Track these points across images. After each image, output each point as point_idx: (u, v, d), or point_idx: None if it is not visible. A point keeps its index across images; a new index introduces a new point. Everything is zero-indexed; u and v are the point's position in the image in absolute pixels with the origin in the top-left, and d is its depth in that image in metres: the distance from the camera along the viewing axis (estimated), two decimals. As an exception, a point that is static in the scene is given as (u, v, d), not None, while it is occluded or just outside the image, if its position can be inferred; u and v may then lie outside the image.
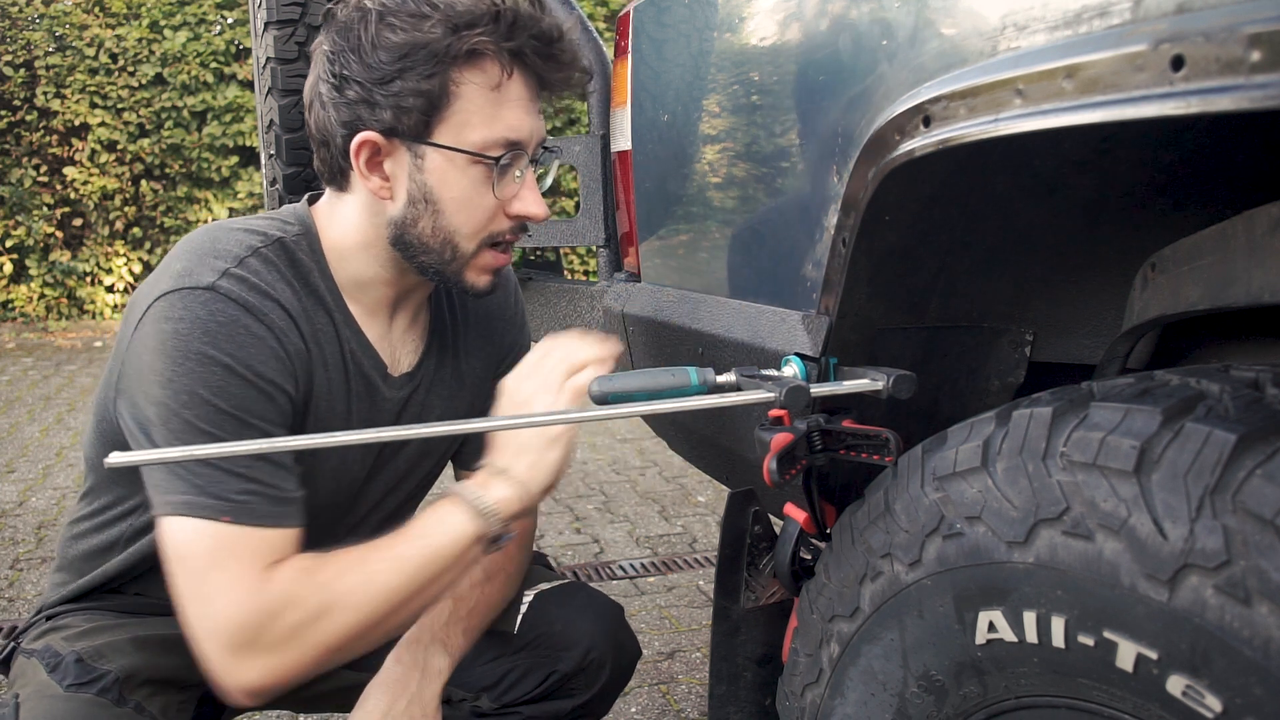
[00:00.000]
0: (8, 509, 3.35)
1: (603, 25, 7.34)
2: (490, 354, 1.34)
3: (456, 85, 1.03)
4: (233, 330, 1.01)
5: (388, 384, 1.21)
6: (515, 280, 1.42)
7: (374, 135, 1.04)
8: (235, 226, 1.11)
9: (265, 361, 1.03)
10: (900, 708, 0.87)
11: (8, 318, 7.32)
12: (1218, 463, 0.63)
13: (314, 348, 1.11)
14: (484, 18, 1.01)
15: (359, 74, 1.03)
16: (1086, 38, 0.69)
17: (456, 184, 1.06)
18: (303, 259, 1.12)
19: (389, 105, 1.02)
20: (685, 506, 3.44)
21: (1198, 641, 0.62)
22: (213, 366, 1.00)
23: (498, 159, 1.06)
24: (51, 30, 7.21)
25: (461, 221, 1.08)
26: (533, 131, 1.08)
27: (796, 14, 1.10)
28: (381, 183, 1.08)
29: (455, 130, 1.04)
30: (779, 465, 0.92)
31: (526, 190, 1.10)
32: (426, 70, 1.01)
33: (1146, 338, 0.94)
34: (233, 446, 0.90)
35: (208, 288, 1.02)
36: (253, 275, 1.05)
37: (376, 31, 1.02)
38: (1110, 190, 0.93)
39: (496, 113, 1.05)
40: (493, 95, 1.04)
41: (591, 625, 1.32)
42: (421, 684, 1.20)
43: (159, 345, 1.00)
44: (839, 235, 0.98)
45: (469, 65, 1.03)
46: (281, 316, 1.06)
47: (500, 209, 1.10)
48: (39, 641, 1.18)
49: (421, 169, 1.06)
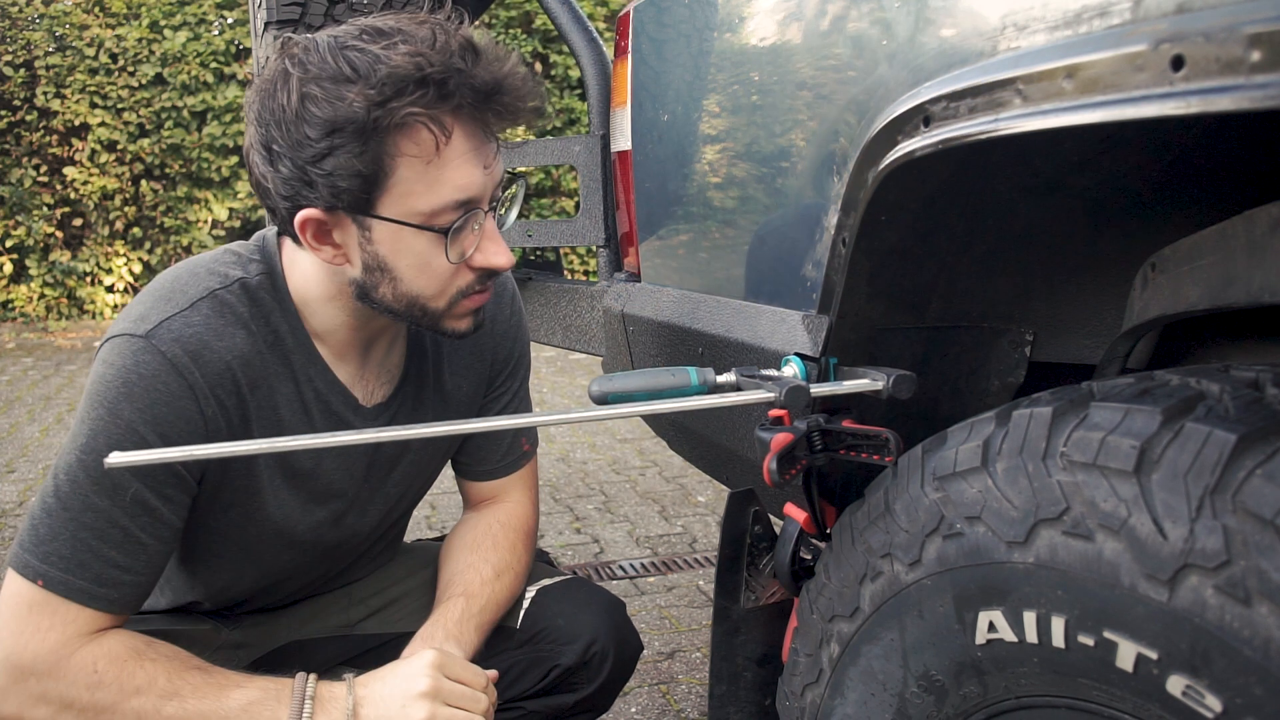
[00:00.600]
0: (8, 509, 3.35)
1: (603, 25, 7.34)
2: (479, 370, 1.32)
3: (392, 158, 0.96)
4: (150, 385, 1.01)
5: (360, 416, 1.19)
6: (512, 288, 1.37)
7: (316, 212, 0.99)
8: (201, 266, 1.10)
9: (173, 424, 1.03)
10: (900, 708, 0.87)
11: (8, 318, 7.32)
12: (1218, 463, 0.63)
13: (258, 395, 1.09)
14: (409, 85, 0.93)
15: (288, 150, 0.97)
16: (1086, 38, 0.69)
17: (409, 252, 1.01)
18: (264, 299, 1.10)
19: (324, 184, 0.96)
20: (685, 506, 3.44)
21: (1198, 641, 0.62)
22: (116, 422, 1.01)
23: (448, 228, 1.00)
24: (51, 30, 7.21)
25: (422, 286, 1.04)
26: (485, 182, 1.02)
27: (796, 14, 1.10)
28: (334, 251, 1.04)
29: (399, 201, 0.98)
30: (779, 465, 0.92)
31: (486, 241, 1.04)
32: (356, 148, 0.94)
33: (1146, 338, 0.94)
34: (232, 446, 0.91)
35: (144, 336, 1.02)
36: (197, 324, 1.04)
37: (300, 103, 0.94)
38: (1110, 190, 0.93)
39: (440, 176, 0.98)
40: (435, 161, 0.97)
41: (593, 619, 1.32)
42: None
43: (91, 385, 1.04)
44: (839, 235, 0.97)
45: (401, 137, 0.95)
46: (214, 372, 1.04)
47: (462, 266, 1.05)
48: None
49: (371, 240, 1.01)
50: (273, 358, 1.11)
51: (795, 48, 1.10)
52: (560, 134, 7.88)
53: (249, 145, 1.03)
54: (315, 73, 0.95)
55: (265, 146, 0.99)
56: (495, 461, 1.36)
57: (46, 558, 1.02)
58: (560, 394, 5.38)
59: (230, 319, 1.07)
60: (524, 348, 1.38)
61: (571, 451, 4.16)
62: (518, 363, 1.37)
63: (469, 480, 1.38)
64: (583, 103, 7.79)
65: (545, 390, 5.42)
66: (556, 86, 8.02)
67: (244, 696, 1.04)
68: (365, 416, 1.20)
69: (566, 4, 1.95)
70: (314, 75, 0.95)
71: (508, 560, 1.30)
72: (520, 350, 1.37)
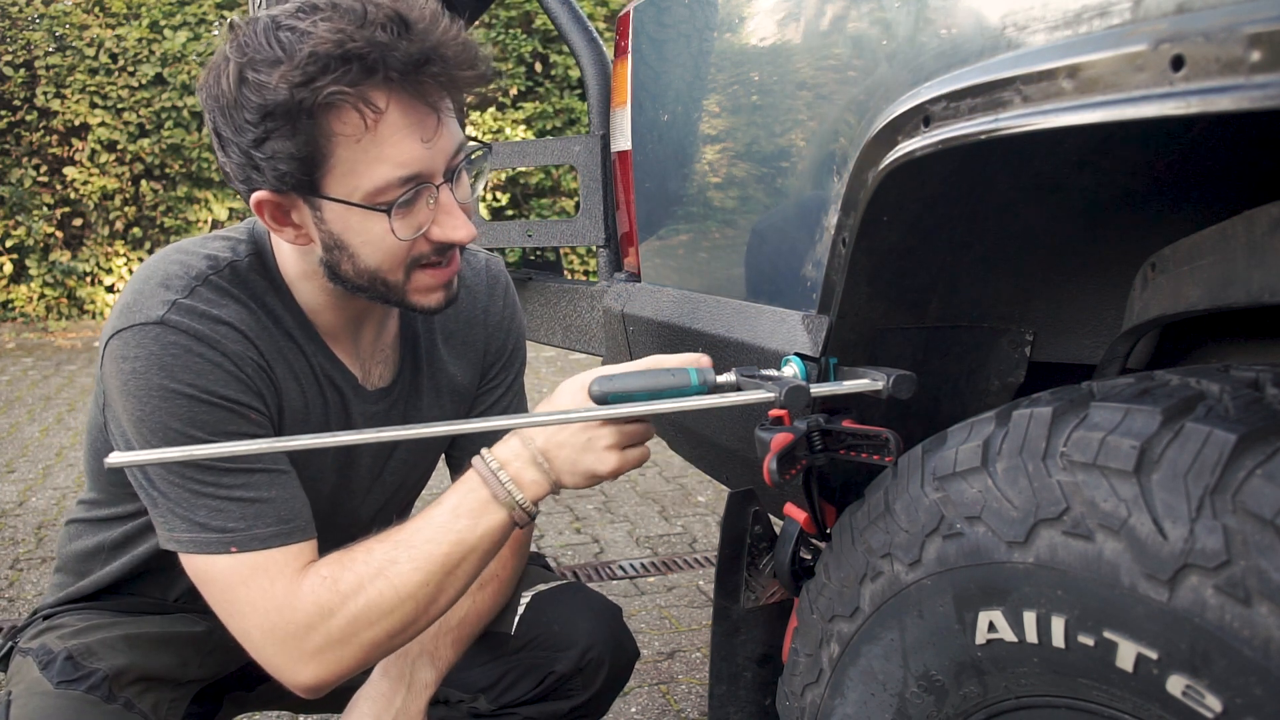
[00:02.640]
0: (8, 509, 3.35)
1: (603, 25, 7.34)
2: (472, 360, 1.31)
3: (326, 139, 0.94)
4: (187, 360, 1.01)
5: (360, 397, 1.19)
6: (505, 280, 1.36)
7: (267, 194, 0.99)
8: (188, 251, 1.09)
9: (226, 384, 1.03)
10: (900, 708, 0.87)
11: (8, 318, 7.32)
12: (1218, 463, 0.63)
13: (277, 364, 1.10)
14: (331, 62, 0.90)
15: (232, 136, 0.96)
16: (1086, 38, 0.69)
17: (361, 230, 1.00)
18: (255, 280, 1.10)
19: (268, 168, 0.96)
20: (685, 506, 3.44)
21: (1198, 641, 0.62)
22: (175, 399, 1.00)
23: (390, 204, 0.98)
24: (51, 30, 7.21)
25: (379, 261, 1.02)
26: (429, 156, 0.98)
27: (796, 14, 1.10)
28: (295, 231, 1.03)
29: (341, 181, 0.97)
30: (779, 465, 0.92)
31: (443, 215, 1.01)
32: (288, 130, 0.93)
33: (1146, 338, 0.94)
34: (232, 446, 0.91)
35: (157, 322, 1.01)
36: (201, 303, 1.04)
37: (237, 88, 0.93)
38: (1110, 190, 0.93)
39: (379, 154, 0.95)
40: (369, 139, 0.94)
41: (589, 626, 1.31)
42: (407, 699, 1.20)
43: (123, 385, 1.02)
44: (839, 235, 0.97)
45: (331, 116, 0.93)
46: (235, 339, 1.05)
47: (420, 239, 1.02)
48: (35, 640, 1.20)
49: (323, 220, 1.00)
50: (277, 332, 1.11)
51: (795, 48, 1.10)
52: (560, 134, 7.88)
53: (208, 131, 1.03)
54: (250, 56, 0.93)
55: (216, 133, 0.99)
56: None
57: (221, 530, 1.02)
58: (560, 394, 5.37)
59: (230, 298, 1.07)
60: (518, 340, 1.37)
61: (571, 451, 4.15)
62: (511, 355, 1.36)
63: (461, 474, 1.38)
64: (583, 103, 7.79)
65: (545, 390, 5.42)
66: (556, 86, 8.02)
67: (445, 507, 1.04)
68: (366, 399, 1.20)
69: (566, 4, 1.95)
70: (249, 59, 0.93)
71: (492, 569, 1.28)
72: (514, 343, 1.36)
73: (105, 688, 1.14)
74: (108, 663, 1.16)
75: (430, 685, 1.22)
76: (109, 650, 1.17)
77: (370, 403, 1.20)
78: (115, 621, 1.22)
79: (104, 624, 1.21)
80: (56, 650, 1.16)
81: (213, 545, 1.02)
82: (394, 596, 1.02)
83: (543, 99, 7.94)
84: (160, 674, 1.21)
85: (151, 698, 1.19)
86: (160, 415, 1.00)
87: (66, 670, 1.14)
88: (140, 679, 1.18)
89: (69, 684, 1.13)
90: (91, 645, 1.17)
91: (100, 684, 1.14)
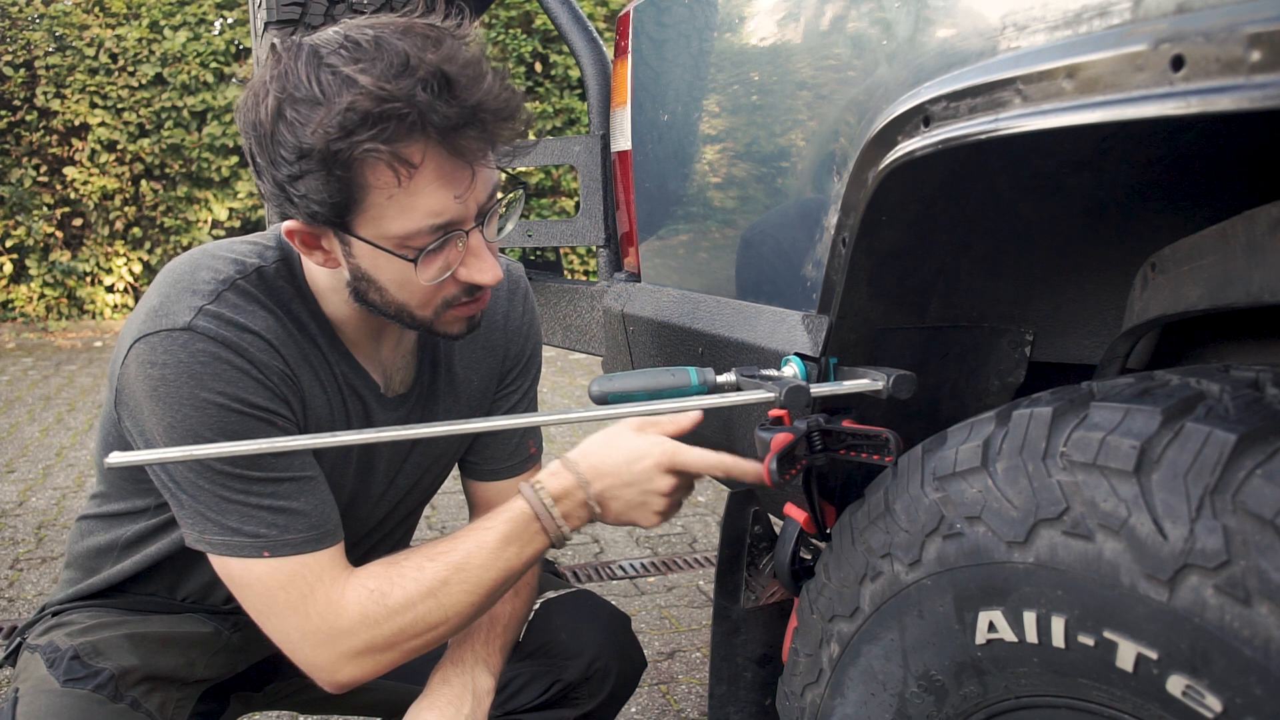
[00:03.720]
0: (8, 509, 3.35)
1: (603, 25, 7.34)
2: (491, 365, 1.31)
3: (360, 188, 0.95)
4: (216, 368, 1.01)
5: (382, 405, 1.20)
6: (525, 285, 1.35)
7: (299, 224, 1.00)
8: (215, 255, 1.10)
9: (254, 391, 1.03)
10: (900, 708, 0.87)
11: (8, 318, 7.32)
12: (1218, 463, 0.63)
13: (303, 372, 1.10)
14: (369, 119, 0.90)
15: (267, 168, 0.97)
16: (1086, 38, 0.69)
17: (389, 269, 1.01)
18: (282, 287, 1.10)
19: (300, 203, 0.97)
20: (685, 506, 3.44)
21: (1198, 641, 0.62)
22: (207, 408, 1.01)
23: (418, 253, 0.98)
24: (51, 30, 7.21)
25: (407, 298, 1.03)
26: (460, 207, 0.98)
27: (796, 14, 1.10)
28: (324, 256, 1.04)
29: (372, 224, 0.97)
30: (779, 465, 0.92)
31: (471, 258, 1.02)
32: (323, 175, 0.93)
33: (1146, 338, 0.94)
34: (232, 447, 0.91)
35: (185, 328, 1.01)
36: (229, 310, 1.04)
37: (274, 122, 0.94)
38: (1110, 190, 0.93)
39: (411, 204, 0.96)
40: (401, 192, 0.95)
41: (597, 634, 1.31)
42: (474, 707, 1.19)
43: (151, 391, 1.02)
44: (839, 235, 0.97)
45: (365, 169, 0.93)
46: (261, 347, 1.05)
47: (448, 280, 1.03)
48: (43, 637, 1.20)
49: (352, 254, 1.01)
50: (303, 340, 1.11)
51: (795, 48, 1.10)
52: (560, 134, 7.88)
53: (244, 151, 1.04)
54: (289, 92, 0.93)
55: (251, 158, 1.00)
56: (502, 461, 1.36)
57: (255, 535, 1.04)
58: (560, 394, 5.38)
59: (257, 304, 1.07)
60: (536, 347, 1.37)
61: (571, 451, 4.16)
62: (529, 361, 1.36)
63: (476, 480, 1.38)
64: (583, 103, 7.79)
65: (545, 390, 5.42)
66: (556, 86, 8.02)
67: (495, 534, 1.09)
68: (386, 406, 1.20)
69: (566, 4, 1.95)
70: (288, 95, 0.93)
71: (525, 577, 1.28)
72: (532, 349, 1.36)
73: (111, 687, 1.14)
74: (114, 662, 1.16)
75: (490, 692, 1.22)
76: (116, 649, 1.18)
77: (390, 409, 1.20)
78: (123, 620, 1.22)
79: (111, 622, 1.22)
80: (63, 648, 1.16)
81: (246, 549, 1.04)
82: (441, 614, 1.07)
83: (543, 99, 7.94)
84: (166, 673, 1.21)
85: (158, 697, 1.19)
86: (191, 423, 1.01)
87: (73, 669, 1.14)
88: (146, 678, 1.18)
89: (75, 682, 1.13)
90: (98, 644, 1.17)
91: (107, 683, 1.14)
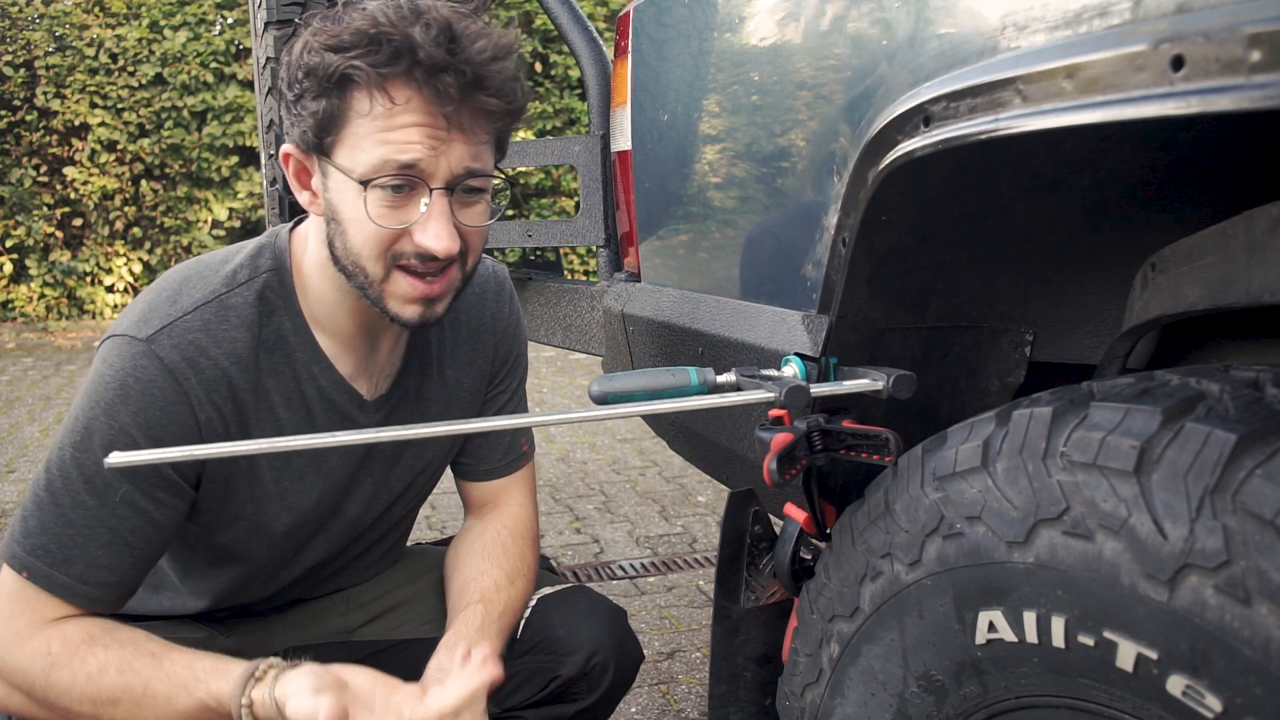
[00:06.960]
0: (8, 509, 3.35)
1: (603, 25, 7.34)
2: (480, 367, 1.32)
3: (344, 110, 1.00)
4: (146, 390, 1.04)
5: (364, 411, 1.20)
6: (510, 288, 1.37)
7: (292, 148, 1.06)
8: (209, 267, 1.13)
9: (166, 428, 1.05)
10: (900, 708, 0.87)
11: (8, 318, 7.32)
12: (1218, 463, 0.63)
13: (257, 397, 1.11)
14: (363, 40, 0.97)
15: (283, 88, 1.05)
16: (1086, 38, 0.69)
17: (353, 206, 1.03)
18: (271, 299, 1.12)
19: (297, 123, 1.03)
20: (685, 506, 3.44)
21: (1198, 641, 0.62)
22: (112, 422, 1.04)
23: (367, 182, 1.00)
24: (51, 30, 7.21)
25: (360, 243, 1.04)
26: (436, 160, 1.00)
27: (796, 14, 1.10)
28: (311, 197, 1.08)
29: (347, 152, 1.02)
30: (779, 465, 0.92)
31: (431, 220, 1.02)
32: (315, 91, 1.00)
33: (1146, 338, 0.94)
34: (232, 446, 0.91)
35: (144, 340, 1.05)
36: (197, 330, 1.06)
37: (300, 48, 1.01)
38: (1110, 190, 0.93)
39: (385, 137, 0.99)
40: (380, 122, 0.99)
41: (594, 630, 1.31)
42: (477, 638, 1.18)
43: (88, 382, 1.06)
44: (839, 235, 0.97)
45: (351, 90, 0.99)
46: (210, 378, 1.06)
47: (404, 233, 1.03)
48: None
49: (327, 188, 1.05)
50: (275, 358, 1.12)
51: (795, 48, 1.10)
52: (560, 134, 7.88)
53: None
54: (320, 26, 1.01)
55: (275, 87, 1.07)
56: (496, 461, 1.36)
57: (33, 550, 1.04)
58: (560, 394, 5.38)
59: (233, 322, 1.09)
60: (522, 346, 1.39)
61: (571, 451, 4.16)
62: (516, 361, 1.37)
63: (469, 481, 1.38)
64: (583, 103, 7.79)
65: (545, 390, 5.42)
66: (556, 86, 8.02)
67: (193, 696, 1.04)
68: (368, 410, 1.20)
69: (566, 4, 1.95)
70: (320, 27, 1.01)
71: (519, 566, 1.30)
72: (520, 349, 1.38)
73: None
74: None
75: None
76: None
77: (371, 413, 1.20)
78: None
79: None
80: None
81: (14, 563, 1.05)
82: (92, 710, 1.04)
83: (543, 99, 7.94)
84: None
85: None
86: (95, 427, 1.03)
87: None
88: None
89: None
90: None
91: None
